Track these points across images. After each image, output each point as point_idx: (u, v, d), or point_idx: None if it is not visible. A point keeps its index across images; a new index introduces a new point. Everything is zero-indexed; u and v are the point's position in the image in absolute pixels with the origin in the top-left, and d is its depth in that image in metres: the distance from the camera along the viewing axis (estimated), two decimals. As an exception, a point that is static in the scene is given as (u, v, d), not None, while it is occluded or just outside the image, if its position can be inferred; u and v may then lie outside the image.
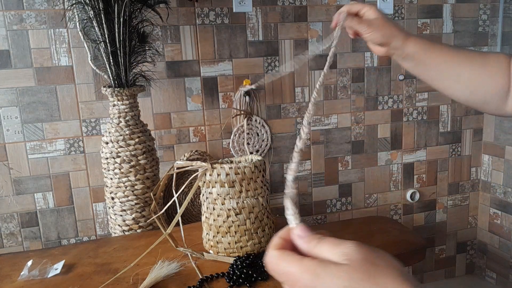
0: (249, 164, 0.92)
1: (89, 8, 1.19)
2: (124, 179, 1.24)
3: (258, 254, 0.93)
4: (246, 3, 1.61)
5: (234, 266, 0.87)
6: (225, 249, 0.94)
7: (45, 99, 1.50)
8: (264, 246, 0.95)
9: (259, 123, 1.71)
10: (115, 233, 1.30)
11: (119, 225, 1.28)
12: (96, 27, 1.20)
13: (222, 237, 0.93)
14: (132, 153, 1.24)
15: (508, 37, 1.90)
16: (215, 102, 1.66)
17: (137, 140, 1.25)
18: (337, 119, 1.82)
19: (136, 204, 1.26)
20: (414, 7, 1.83)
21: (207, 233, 0.97)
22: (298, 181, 1.82)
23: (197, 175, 0.94)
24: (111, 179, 1.26)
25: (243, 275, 0.84)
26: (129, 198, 1.25)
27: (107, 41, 1.20)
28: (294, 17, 1.69)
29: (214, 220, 0.94)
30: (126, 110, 1.26)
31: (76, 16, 1.34)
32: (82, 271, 0.92)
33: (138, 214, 1.27)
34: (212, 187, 0.92)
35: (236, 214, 0.92)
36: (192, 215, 1.57)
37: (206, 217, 0.96)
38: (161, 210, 0.98)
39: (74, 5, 1.23)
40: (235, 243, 0.93)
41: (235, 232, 0.92)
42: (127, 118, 1.26)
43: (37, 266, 0.91)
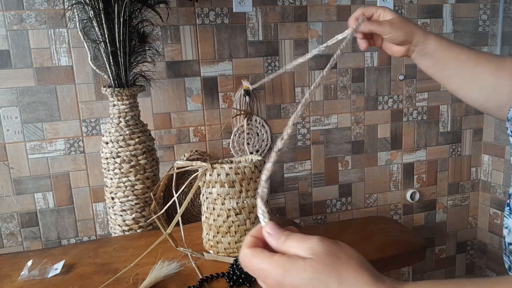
0: (249, 164, 0.92)
1: (89, 8, 1.19)
2: (124, 179, 1.24)
3: (258, 254, 0.93)
4: (246, 3, 1.61)
5: (234, 266, 0.87)
6: (225, 249, 0.94)
7: (45, 99, 1.50)
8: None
9: (259, 123, 1.71)
10: (115, 233, 1.30)
11: (119, 225, 1.28)
12: (96, 27, 1.20)
13: (222, 237, 0.93)
14: (132, 153, 1.24)
15: (508, 37, 1.90)
16: (215, 102, 1.66)
17: (137, 140, 1.25)
18: (337, 119, 1.82)
19: (136, 204, 1.26)
20: (414, 7, 1.83)
21: (207, 233, 0.97)
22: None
23: (197, 175, 0.94)
24: (111, 179, 1.26)
25: (243, 275, 0.84)
26: (129, 198, 1.25)
27: (107, 41, 1.20)
28: (294, 17, 1.69)
29: (214, 220, 0.94)
30: (126, 110, 1.26)
31: (76, 16, 1.34)
32: (82, 271, 0.92)
33: (138, 214, 1.27)
34: (212, 187, 0.92)
35: (236, 214, 0.92)
36: (192, 215, 1.57)
37: (206, 217, 0.96)
38: (161, 210, 0.98)
39: (74, 5, 1.23)
40: (235, 243, 0.93)
41: (235, 232, 0.92)
42: (127, 118, 1.26)
43: (37, 266, 0.91)
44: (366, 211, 1.94)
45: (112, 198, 1.27)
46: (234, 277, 0.84)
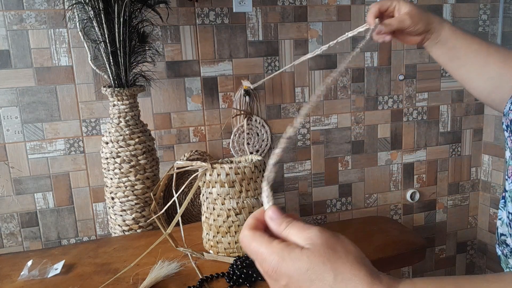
0: (249, 164, 0.92)
1: (89, 8, 1.19)
2: (124, 179, 1.24)
3: (258, 254, 0.93)
4: (246, 3, 1.61)
5: (234, 266, 0.87)
6: (225, 249, 0.94)
7: (45, 99, 1.50)
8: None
9: (259, 123, 1.71)
10: (115, 233, 1.30)
11: (119, 225, 1.28)
12: (96, 27, 1.20)
13: (222, 237, 0.93)
14: (132, 153, 1.24)
15: (508, 37, 1.90)
16: (215, 102, 1.66)
17: (137, 140, 1.25)
18: (337, 119, 1.82)
19: (136, 204, 1.26)
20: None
21: (207, 233, 0.97)
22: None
23: (197, 175, 0.94)
24: (111, 179, 1.26)
25: (243, 275, 0.84)
26: (129, 198, 1.26)
27: (107, 41, 1.20)
28: (294, 17, 1.69)
29: (214, 220, 0.94)
30: (126, 110, 1.26)
31: (76, 16, 1.34)
32: (82, 271, 0.92)
33: (138, 214, 1.27)
34: (212, 187, 0.92)
35: (236, 214, 0.92)
36: (192, 215, 1.57)
37: (206, 217, 0.96)
38: (161, 210, 0.98)
39: (74, 5, 1.23)
40: (235, 243, 0.93)
41: (235, 232, 0.92)
42: (127, 118, 1.26)
43: (37, 266, 0.91)
44: (366, 211, 1.94)
45: (112, 198, 1.27)
46: (234, 277, 0.84)
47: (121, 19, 1.19)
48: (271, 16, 1.66)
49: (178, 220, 0.90)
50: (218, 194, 0.92)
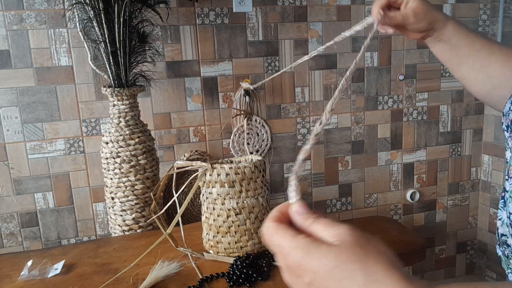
0: (249, 164, 0.92)
1: (89, 8, 1.19)
2: (124, 179, 1.24)
3: (258, 254, 0.93)
4: (246, 3, 1.61)
5: (234, 266, 0.87)
6: (225, 249, 0.94)
7: (45, 99, 1.50)
8: (264, 246, 0.95)
9: (259, 123, 1.71)
10: (115, 233, 1.30)
11: (119, 225, 1.28)
12: (96, 27, 1.20)
13: (222, 237, 0.93)
14: (132, 153, 1.24)
15: (508, 37, 1.90)
16: (215, 102, 1.66)
17: (137, 140, 1.25)
18: (337, 119, 1.82)
19: (136, 204, 1.26)
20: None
21: (207, 233, 0.97)
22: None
23: (197, 175, 0.94)
24: (111, 179, 1.26)
25: (243, 275, 0.84)
26: (129, 198, 1.25)
27: (107, 41, 1.20)
28: (294, 17, 1.69)
29: (214, 220, 0.94)
30: (126, 110, 1.26)
31: (76, 16, 1.34)
32: (82, 271, 0.92)
33: (138, 214, 1.27)
34: (212, 187, 0.92)
35: (236, 214, 0.92)
36: (192, 215, 1.57)
37: (206, 217, 0.96)
38: (161, 210, 0.98)
39: (74, 5, 1.23)
40: (235, 243, 0.93)
41: (235, 232, 0.92)
42: (127, 118, 1.26)
43: (37, 266, 0.91)
44: (366, 211, 1.94)
45: (112, 198, 1.27)
46: (234, 277, 0.84)
47: (121, 19, 1.19)
48: (271, 16, 1.66)
49: (178, 220, 0.90)
50: (218, 194, 0.92)
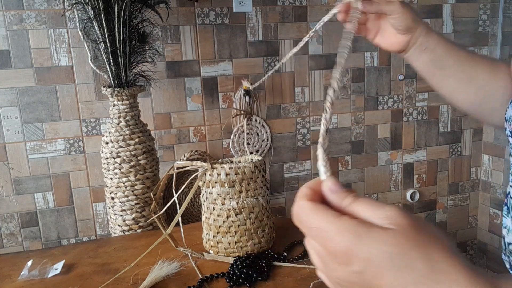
0: (249, 164, 0.92)
1: (89, 8, 1.19)
2: (124, 179, 1.24)
3: (258, 254, 0.93)
4: (246, 3, 1.61)
5: (234, 266, 0.87)
6: (225, 249, 0.94)
7: (45, 99, 1.50)
8: (264, 246, 0.95)
9: (259, 123, 1.71)
10: (115, 233, 1.30)
11: (119, 225, 1.28)
12: (96, 27, 1.20)
13: (222, 237, 0.93)
14: (132, 153, 1.24)
15: (508, 37, 1.90)
16: (215, 102, 1.66)
17: (137, 140, 1.25)
18: (337, 119, 1.82)
19: (136, 204, 1.26)
20: (414, 7, 1.83)
21: (207, 233, 0.97)
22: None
23: (197, 175, 0.94)
24: (111, 179, 1.26)
25: (243, 275, 0.84)
26: (129, 198, 1.25)
27: (107, 41, 1.20)
28: (294, 17, 1.69)
29: (214, 220, 0.94)
30: (126, 110, 1.26)
31: (76, 16, 1.34)
32: (82, 271, 0.92)
33: (138, 214, 1.27)
34: (212, 187, 0.92)
35: (236, 214, 0.92)
36: (192, 215, 1.57)
37: (206, 217, 0.96)
38: (161, 210, 0.98)
39: (74, 5, 1.23)
40: (235, 243, 0.93)
41: (235, 232, 0.92)
42: (127, 118, 1.26)
43: (37, 266, 0.91)
44: (366, 211, 1.94)
45: (112, 198, 1.27)
46: (234, 277, 0.84)
47: (121, 19, 1.19)
48: (271, 16, 1.66)
49: (178, 220, 0.90)
50: (218, 194, 0.92)
